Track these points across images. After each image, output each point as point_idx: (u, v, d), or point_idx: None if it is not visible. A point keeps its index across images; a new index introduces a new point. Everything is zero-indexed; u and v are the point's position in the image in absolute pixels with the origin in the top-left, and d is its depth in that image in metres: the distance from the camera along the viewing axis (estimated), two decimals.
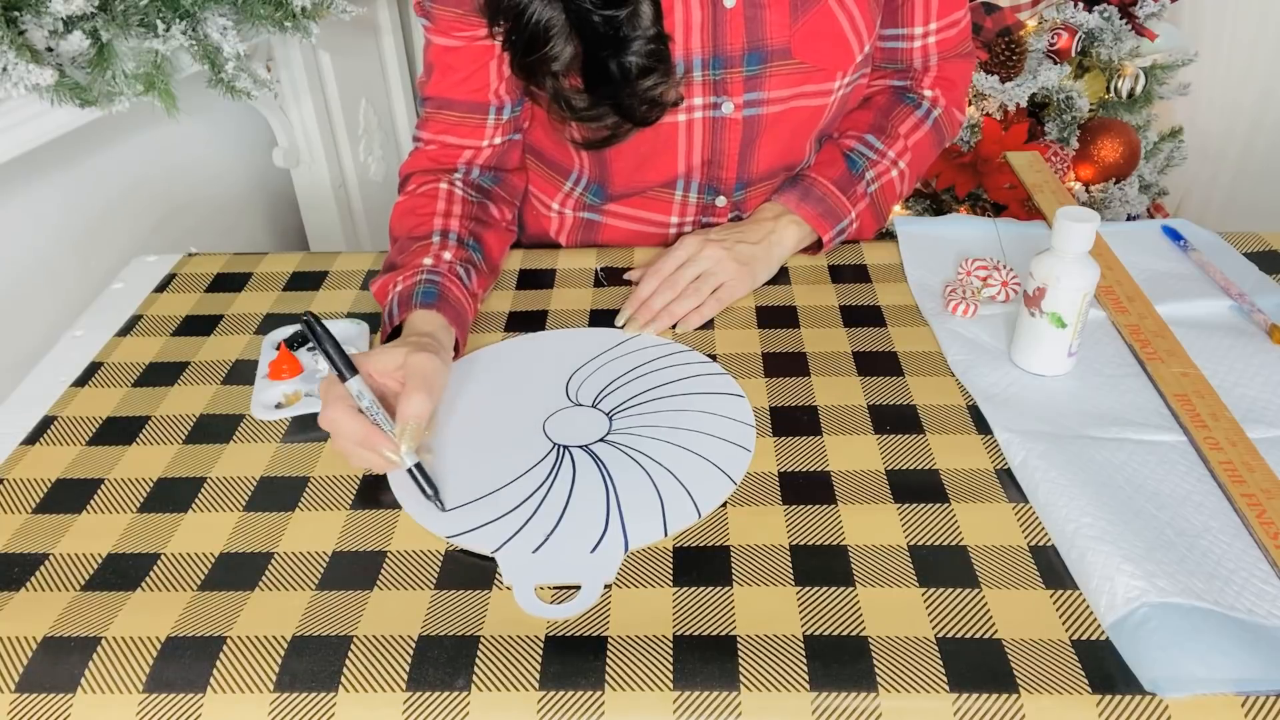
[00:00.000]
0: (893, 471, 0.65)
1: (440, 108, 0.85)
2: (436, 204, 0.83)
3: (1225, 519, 0.60)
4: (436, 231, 0.81)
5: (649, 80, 0.77)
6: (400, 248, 0.81)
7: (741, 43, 0.81)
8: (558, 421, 0.71)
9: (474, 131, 0.86)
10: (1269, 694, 0.50)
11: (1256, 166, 2.15)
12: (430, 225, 0.81)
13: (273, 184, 1.66)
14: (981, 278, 0.84)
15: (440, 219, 0.82)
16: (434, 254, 0.78)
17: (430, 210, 0.83)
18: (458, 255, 0.80)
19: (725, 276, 0.83)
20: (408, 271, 0.77)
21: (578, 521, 0.62)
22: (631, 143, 0.83)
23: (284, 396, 0.75)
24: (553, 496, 0.64)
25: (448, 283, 0.77)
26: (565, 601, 0.57)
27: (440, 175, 0.86)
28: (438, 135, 0.86)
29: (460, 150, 0.87)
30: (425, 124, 0.87)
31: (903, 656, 0.53)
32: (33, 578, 0.60)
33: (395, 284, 0.77)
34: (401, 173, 0.89)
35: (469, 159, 0.87)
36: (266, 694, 0.52)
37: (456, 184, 0.85)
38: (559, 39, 0.75)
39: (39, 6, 0.92)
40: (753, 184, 0.92)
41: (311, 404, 0.74)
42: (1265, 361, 0.74)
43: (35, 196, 1.13)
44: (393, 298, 0.76)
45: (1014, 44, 1.71)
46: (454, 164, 0.87)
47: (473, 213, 0.84)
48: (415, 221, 0.82)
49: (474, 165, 0.88)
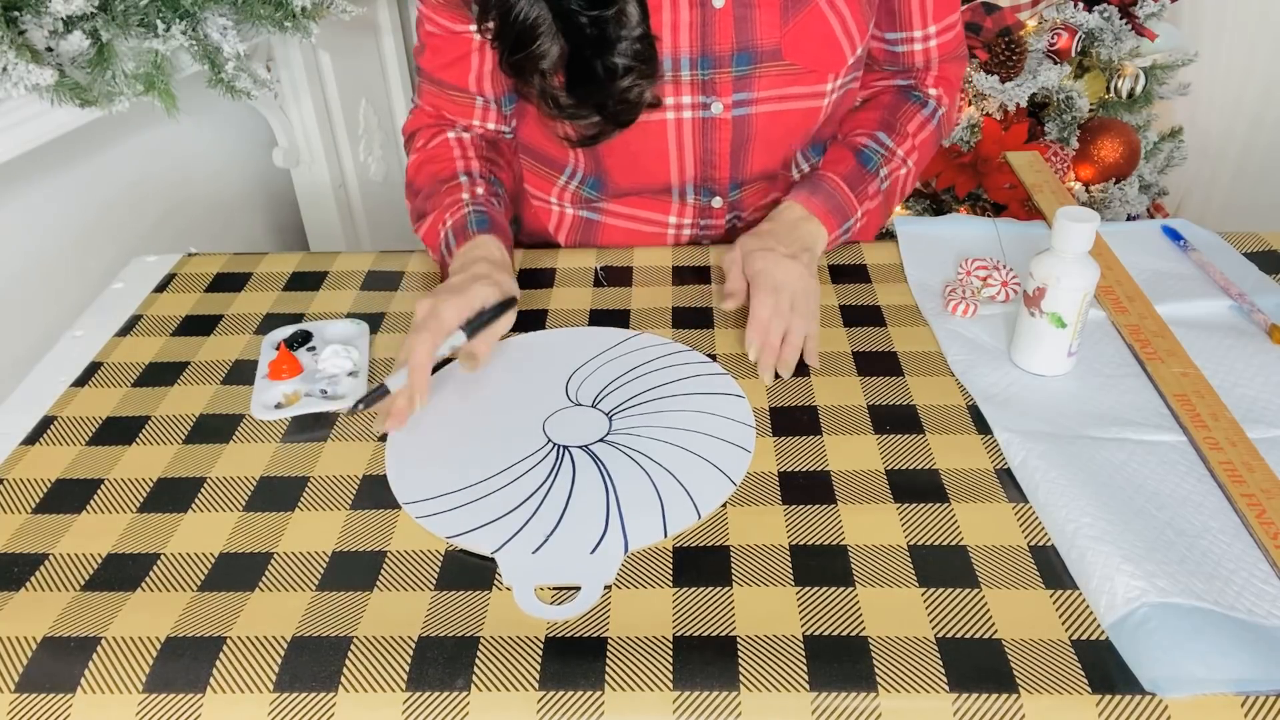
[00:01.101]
0: (893, 471, 0.65)
1: (432, 83, 0.90)
2: (452, 150, 0.88)
3: (1225, 519, 0.60)
4: (461, 173, 0.86)
5: (627, 80, 0.78)
6: (429, 192, 0.86)
7: (730, 43, 0.81)
8: (558, 421, 0.71)
9: (464, 111, 0.90)
10: (1269, 694, 0.50)
11: (1256, 166, 2.15)
12: (453, 168, 0.86)
13: (273, 184, 1.66)
14: (981, 278, 0.84)
15: (461, 161, 0.87)
16: (468, 189, 0.84)
17: (449, 155, 0.88)
18: (488, 190, 0.85)
19: (815, 293, 0.80)
20: (452, 208, 0.83)
21: (577, 522, 0.62)
22: (622, 140, 0.83)
23: (284, 396, 0.75)
24: (553, 497, 0.64)
25: (491, 211, 0.83)
26: (565, 603, 0.57)
27: (444, 128, 0.90)
28: (433, 105, 0.91)
29: (455, 120, 0.91)
30: (421, 94, 0.92)
31: (903, 656, 0.53)
32: (33, 578, 0.60)
33: (444, 221, 0.82)
34: (405, 130, 0.93)
35: (465, 126, 0.91)
36: (266, 694, 0.52)
37: (462, 132, 0.90)
38: (546, 37, 0.76)
39: (39, 6, 0.92)
40: (747, 184, 0.92)
41: (311, 404, 0.74)
42: (1265, 361, 0.74)
43: (35, 196, 1.13)
44: (445, 232, 0.82)
45: (1014, 44, 1.71)
46: (454, 124, 0.91)
47: (485, 153, 0.89)
48: (436, 168, 0.87)
49: (471, 131, 0.91)
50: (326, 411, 0.73)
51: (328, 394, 0.75)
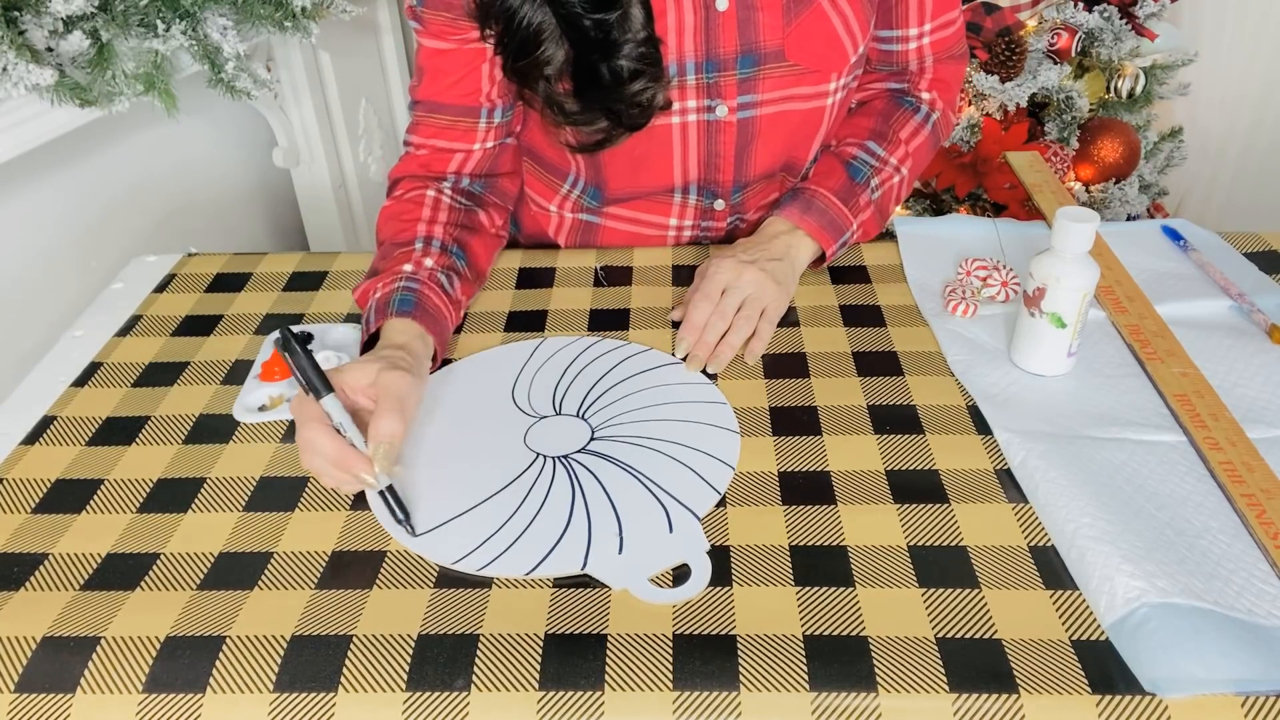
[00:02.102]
0: (893, 472, 0.65)
1: (431, 111, 0.84)
2: (422, 210, 0.82)
3: (1225, 519, 0.60)
4: (420, 238, 0.80)
5: (638, 84, 0.77)
6: (384, 253, 0.80)
7: (735, 45, 0.81)
8: (540, 432, 0.71)
9: (465, 135, 0.85)
10: (1269, 694, 0.50)
11: (1256, 166, 2.15)
12: (414, 231, 0.80)
13: (273, 184, 1.66)
14: (981, 278, 0.84)
15: (424, 225, 0.81)
16: (415, 260, 0.78)
17: (415, 216, 0.82)
18: (440, 262, 0.79)
19: (768, 299, 0.80)
20: (387, 278, 0.76)
21: (640, 512, 0.63)
22: (626, 146, 0.83)
23: (268, 399, 0.75)
24: (590, 499, 0.64)
25: (426, 290, 0.76)
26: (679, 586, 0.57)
27: (429, 183, 0.85)
28: (429, 139, 0.85)
29: (451, 154, 0.86)
30: (415, 128, 0.86)
31: (903, 656, 0.53)
32: (32, 577, 0.60)
33: (375, 290, 0.76)
34: (390, 177, 0.88)
35: (459, 164, 0.86)
36: (266, 694, 0.52)
37: (445, 191, 0.85)
38: (550, 42, 0.75)
39: (39, 6, 0.92)
40: (750, 186, 0.92)
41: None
42: (1265, 361, 0.74)
43: (35, 196, 1.13)
44: (371, 304, 0.75)
45: (1014, 44, 1.71)
46: (444, 171, 0.86)
47: (458, 219, 0.83)
48: (399, 227, 0.81)
49: (464, 173, 0.87)
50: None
51: None
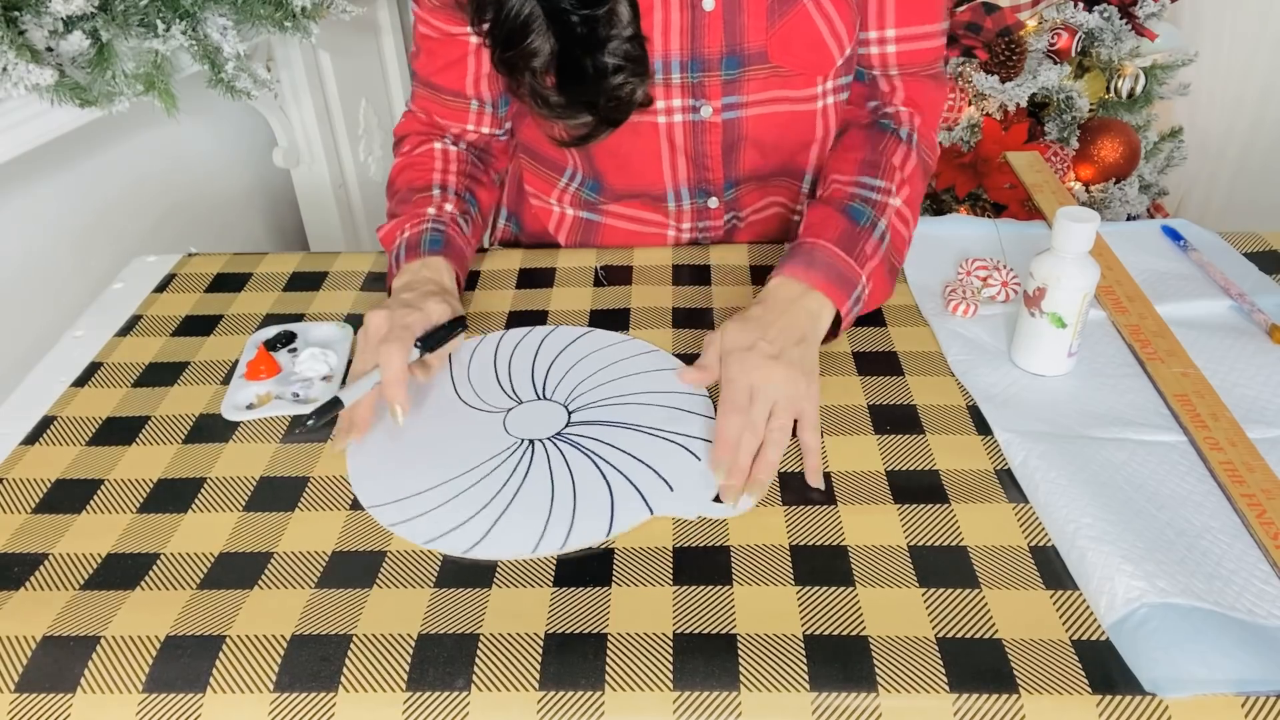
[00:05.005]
0: (893, 472, 0.65)
1: (427, 87, 0.89)
2: (434, 161, 0.88)
3: (1225, 519, 0.60)
4: (436, 185, 0.86)
5: (618, 78, 0.78)
6: (402, 198, 0.86)
7: (720, 46, 0.81)
8: (517, 417, 0.72)
9: (458, 115, 0.90)
10: (1269, 694, 0.50)
11: (1256, 166, 2.15)
12: (429, 179, 0.87)
13: (273, 184, 1.66)
14: (981, 278, 0.84)
15: (439, 174, 0.87)
16: (436, 204, 0.84)
17: (429, 166, 0.88)
18: (457, 207, 0.85)
19: (800, 399, 0.69)
20: (414, 220, 0.82)
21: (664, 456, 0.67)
22: (613, 142, 0.83)
23: (256, 397, 0.75)
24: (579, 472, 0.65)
25: (451, 230, 0.83)
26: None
27: (433, 136, 0.90)
28: (425, 110, 0.91)
29: (447, 127, 0.91)
30: (415, 98, 0.91)
31: (903, 656, 0.53)
32: (32, 577, 0.60)
33: (403, 230, 0.82)
34: (396, 133, 0.93)
35: (457, 134, 0.91)
36: (266, 694, 0.52)
37: (450, 143, 0.90)
38: (537, 35, 0.76)
39: (39, 6, 0.92)
40: (742, 184, 0.92)
41: (281, 406, 0.73)
42: (1265, 362, 0.74)
43: (35, 196, 1.13)
44: (400, 242, 0.82)
45: (1014, 44, 1.71)
46: (445, 131, 0.91)
47: (467, 169, 0.89)
48: (414, 175, 0.87)
49: (462, 139, 0.92)
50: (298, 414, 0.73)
51: (299, 397, 0.74)
